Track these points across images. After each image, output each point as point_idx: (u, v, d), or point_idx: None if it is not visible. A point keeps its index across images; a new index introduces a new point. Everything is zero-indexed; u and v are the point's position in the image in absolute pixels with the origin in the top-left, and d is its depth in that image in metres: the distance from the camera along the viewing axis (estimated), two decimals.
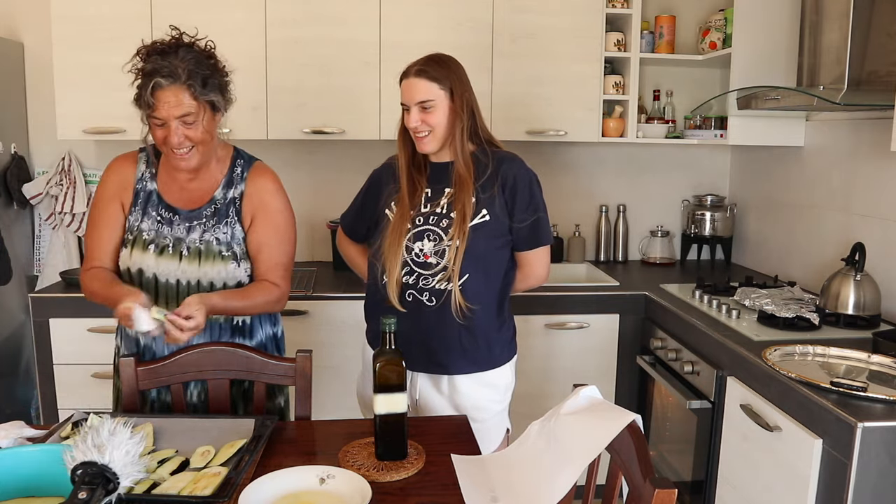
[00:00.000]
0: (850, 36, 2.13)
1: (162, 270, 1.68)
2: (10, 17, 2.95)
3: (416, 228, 1.76)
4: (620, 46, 2.93)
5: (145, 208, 1.71)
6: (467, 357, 1.78)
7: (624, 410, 1.23)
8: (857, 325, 2.18)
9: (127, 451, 1.18)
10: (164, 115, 1.57)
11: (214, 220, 1.71)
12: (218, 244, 1.69)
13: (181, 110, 1.57)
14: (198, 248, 1.69)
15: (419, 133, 1.74)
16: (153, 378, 1.67)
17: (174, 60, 1.57)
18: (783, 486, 1.77)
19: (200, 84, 1.59)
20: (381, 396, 1.37)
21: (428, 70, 1.72)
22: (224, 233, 1.70)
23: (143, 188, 1.73)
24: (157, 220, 1.71)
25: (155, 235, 1.69)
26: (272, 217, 1.74)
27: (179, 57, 1.58)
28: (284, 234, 1.76)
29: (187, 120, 1.59)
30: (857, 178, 2.46)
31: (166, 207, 1.71)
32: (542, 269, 1.86)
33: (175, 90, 1.56)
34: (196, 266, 1.68)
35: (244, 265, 1.72)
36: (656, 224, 3.34)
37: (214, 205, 1.72)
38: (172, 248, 1.68)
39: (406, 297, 1.75)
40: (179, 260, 1.68)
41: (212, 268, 1.68)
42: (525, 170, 1.79)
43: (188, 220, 1.70)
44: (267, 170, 1.80)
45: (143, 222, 1.70)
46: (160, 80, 1.55)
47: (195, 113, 1.59)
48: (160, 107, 1.57)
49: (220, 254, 1.69)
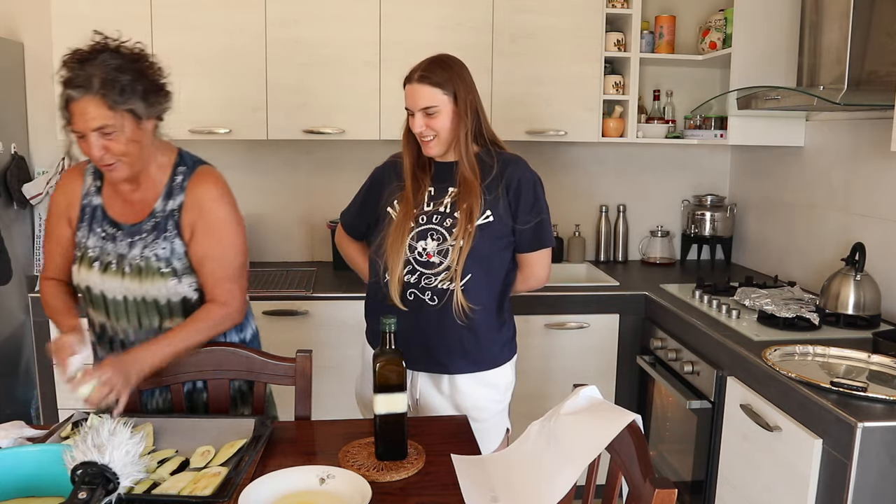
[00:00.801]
0: (850, 36, 2.13)
1: (108, 288, 1.63)
2: (10, 17, 2.95)
3: (419, 227, 1.76)
4: (620, 46, 2.93)
5: (91, 224, 1.66)
6: (468, 357, 1.78)
7: (624, 410, 1.23)
8: (857, 325, 2.18)
9: (127, 451, 1.18)
10: (80, 128, 1.48)
11: (154, 235, 1.62)
12: (157, 260, 1.61)
13: (97, 122, 1.47)
14: (138, 266, 1.61)
15: (424, 137, 1.74)
16: (153, 378, 1.67)
17: (90, 68, 1.47)
18: (783, 486, 1.77)
19: (117, 93, 1.47)
20: (381, 396, 1.37)
21: (430, 76, 1.71)
22: (163, 248, 1.62)
23: (89, 203, 1.67)
24: (101, 236, 1.65)
25: (100, 252, 1.64)
26: (213, 228, 1.63)
27: (97, 63, 1.47)
28: (229, 245, 1.65)
29: (105, 131, 1.48)
30: (857, 178, 2.46)
31: (110, 223, 1.65)
32: (544, 270, 1.86)
33: (88, 101, 1.46)
34: (138, 283, 1.62)
35: (187, 280, 1.64)
36: (656, 224, 3.34)
37: (154, 218, 1.63)
38: (116, 265, 1.62)
39: (407, 296, 1.76)
40: (122, 277, 1.62)
41: (152, 285, 1.62)
42: (529, 172, 1.79)
43: (130, 235, 1.63)
44: (209, 175, 1.67)
45: (89, 239, 1.65)
46: (72, 92, 1.46)
47: (112, 124, 1.48)
48: (75, 119, 1.48)
49: (160, 271, 1.61)
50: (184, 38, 2.69)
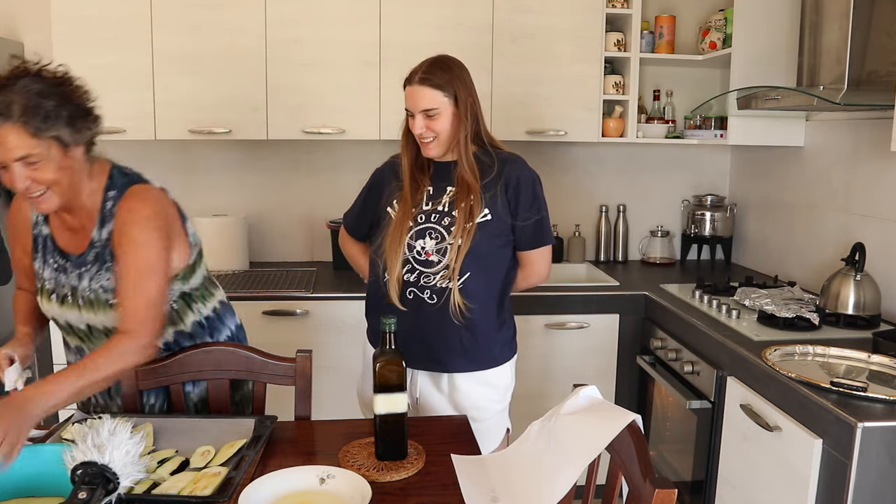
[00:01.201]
0: (850, 36, 2.13)
1: (70, 319, 1.60)
2: (10, 17, 2.95)
3: (417, 226, 1.76)
4: (620, 46, 2.93)
5: (44, 255, 1.60)
6: (467, 356, 1.78)
7: (624, 410, 1.23)
8: (857, 325, 2.18)
9: (127, 451, 1.18)
10: (1, 158, 1.37)
11: (97, 266, 1.55)
12: (104, 292, 1.55)
13: (19, 151, 1.36)
14: (89, 298, 1.56)
15: (424, 139, 1.75)
16: (153, 378, 1.67)
17: (9, 94, 1.36)
18: (783, 486, 1.77)
19: (40, 119, 1.37)
20: (381, 396, 1.37)
21: (431, 77, 1.71)
22: (107, 279, 1.54)
23: (40, 233, 1.61)
24: (54, 268, 1.59)
25: (55, 285, 1.59)
26: (128, 249, 1.50)
27: (18, 90, 1.37)
28: (141, 269, 1.49)
29: (29, 160, 1.38)
30: (857, 178, 2.46)
31: (60, 254, 1.58)
32: (544, 267, 1.87)
33: (8, 129, 1.35)
34: (93, 314, 1.57)
35: None
36: (656, 224, 3.34)
37: (94, 248, 1.55)
38: (71, 297, 1.57)
39: (407, 295, 1.76)
40: (79, 310, 1.57)
41: (105, 316, 1.56)
42: (528, 170, 1.80)
43: (78, 266, 1.57)
44: (136, 196, 1.54)
45: (44, 270, 1.60)
46: None
47: (37, 153, 1.38)
48: None
49: (108, 302, 1.55)
50: (184, 38, 2.69)
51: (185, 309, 1.69)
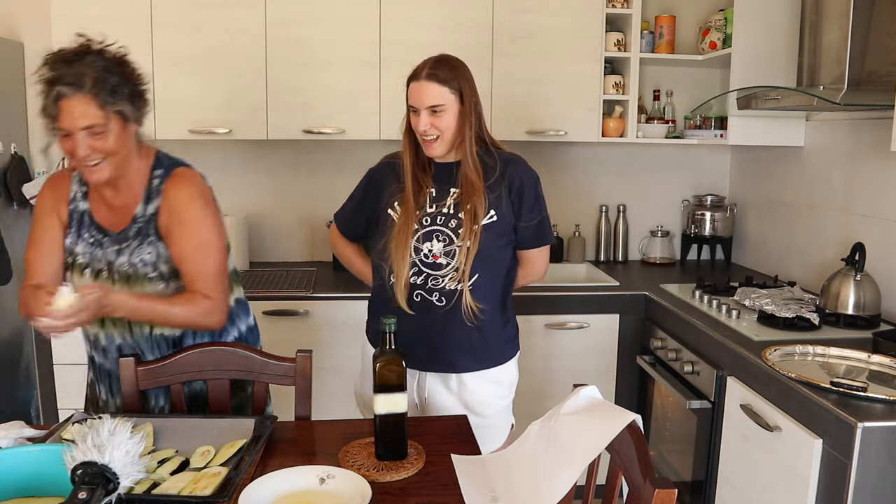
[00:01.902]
0: (850, 36, 2.13)
1: None
2: (10, 17, 2.95)
3: (423, 229, 1.75)
4: (620, 46, 2.93)
5: (79, 230, 1.65)
6: (474, 355, 1.78)
7: (624, 410, 1.23)
8: (857, 325, 2.18)
9: (127, 451, 1.18)
10: (68, 125, 1.48)
11: (139, 241, 1.62)
12: (144, 266, 1.61)
13: (87, 121, 1.48)
14: (126, 273, 1.61)
15: (427, 137, 1.73)
16: (153, 378, 1.67)
17: (80, 67, 1.47)
18: (783, 486, 1.77)
19: (108, 93, 1.49)
20: (381, 396, 1.37)
21: (438, 73, 1.70)
22: (149, 253, 1.62)
23: (76, 208, 1.67)
24: (90, 242, 1.64)
25: (89, 259, 1.63)
26: (188, 229, 1.61)
27: (86, 64, 1.48)
28: (206, 245, 1.63)
29: (94, 130, 1.49)
30: (857, 178, 2.46)
31: (97, 229, 1.64)
32: (543, 265, 1.90)
33: (80, 99, 1.46)
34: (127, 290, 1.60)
35: (173, 285, 1.64)
36: (656, 224, 3.34)
37: (137, 223, 1.63)
38: (107, 272, 1.62)
39: (414, 298, 1.76)
40: (113, 284, 1.61)
41: (141, 290, 1.61)
42: (530, 171, 1.80)
43: (117, 242, 1.63)
44: (184, 176, 1.66)
45: (78, 245, 1.65)
46: (63, 89, 1.46)
47: (102, 124, 1.49)
48: (64, 117, 1.47)
49: (147, 276, 1.61)
50: (184, 38, 2.69)
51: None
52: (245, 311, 1.86)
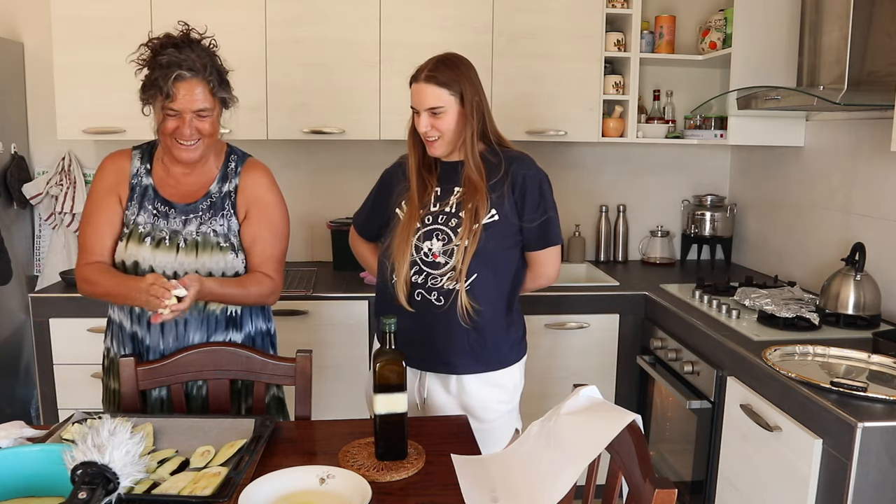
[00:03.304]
0: (850, 36, 2.13)
1: (158, 263, 1.68)
2: (10, 17, 2.95)
3: (425, 228, 1.75)
4: (620, 46, 2.93)
5: (142, 202, 1.72)
6: (475, 357, 1.77)
7: (624, 410, 1.23)
8: (857, 325, 2.18)
9: (127, 451, 1.18)
10: (181, 106, 1.60)
11: (211, 213, 1.72)
12: (215, 235, 1.71)
13: (199, 104, 1.61)
14: (195, 240, 1.70)
15: (429, 137, 1.74)
16: (153, 378, 1.67)
17: (191, 55, 1.60)
18: (783, 486, 1.77)
19: (217, 81, 1.64)
20: (381, 396, 1.37)
21: (437, 75, 1.70)
22: (221, 225, 1.72)
23: (139, 183, 1.74)
24: (153, 213, 1.71)
25: (151, 228, 1.70)
26: (266, 211, 1.77)
27: (196, 51, 1.62)
28: (278, 229, 1.78)
29: (202, 114, 1.62)
30: (857, 178, 2.46)
31: (162, 201, 1.72)
32: (553, 268, 1.86)
33: (196, 83, 1.60)
34: (193, 257, 1.69)
35: (241, 256, 1.74)
36: (656, 224, 3.34)
37: (210, 198, 1.74)
38: (169, 240, 1.69)
39: (415, 297, 1.75)
40: (176, 252, 1.69)
41: (209, 258, 1.70)
42: (535, 170, 1.79)
43: (184, 213, 1.72)
44: (260, 165, 1.83)
45: (139, 216, 1.71)
46: (183, 73, 1.58)
47: (210, 108, 1.63)
48: (179, 98, 1.59)
49: (218, 244, 1.71)
50: None
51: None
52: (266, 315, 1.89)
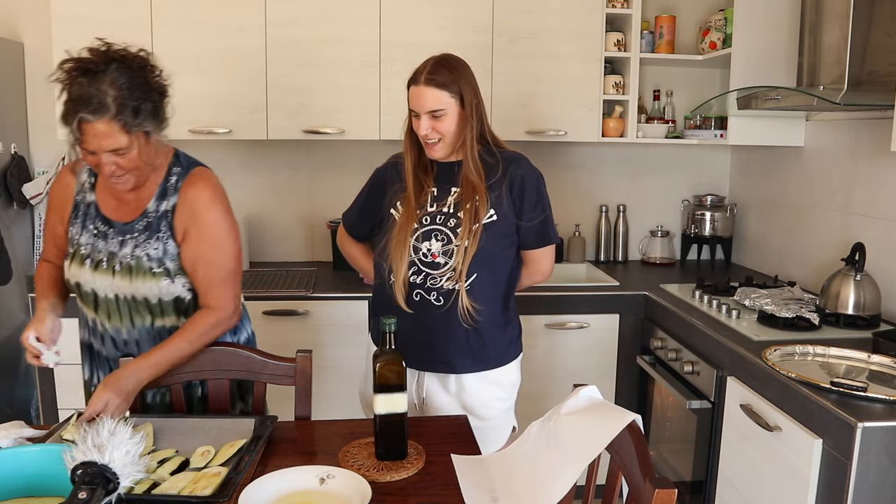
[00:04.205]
0: (850, 36, 2.13)
1: (98, 285, 1.63)
2: (10, 16, 2.95)
3: (423, 228, 1.75)
4: (620, 46, 2.93)
5: (84, 221, 1.66)
6: (474, 356, 1.78)
7: (624, 410, 1.23)
8: (857, 325, 2.18)
9: (127, 451, 1.18)
10: (93, 148, 1.47)
11: (146, 235, 1.62)
12: (149, 260, 1.61)
13: (112, 144, 1.47)
14: (128, 264, 1.61)
15: (429, 140, 1.73)
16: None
17: (103, 86, 1.43)
18: (783, 486, 1.77)
19: (132, 115, 1.46)
20: (381, 396, 1.37)
21: (437, 77, 1.69)
22: (155, 248, 1.61)
23: (83, 200, 1.67)
24: (93, 233, 1.64)
25: (91, 250, 1.64)
26: (205, 231, 1.62)
27: (108, 81, 1.44)
28: (221, 249, 1.64)
29: (119, 152, 1.48)
30: (857, 178, 2.46)
31: (102, 220, 1.65)
32: (548, 265, 1.87)
33: (104, 124, 1.44)
34: (128, 282, 1.61)
35: (180, 280, 1.63)
36: (656, 224, 3.34)
37: (147, 218, 1.63)
38: (106, 262, 1.62)
39: (413, 297, 1.75)
40: (112, 275, 1.62)
41: (143, 284, 1.61)
42: (532, 170, 1.79)
43: (122, 233, 1.63)
44: (203, 178, 1.66)
45: (81, 236, 1.65)
46: (86, 116, 1.43)
47: (127, 146, 1.48)
48: (88, 140, 1.46)
49: (151, 270, 1.61)
50: (184, 38, 2.69)
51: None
52: (247, 317, 1.88)
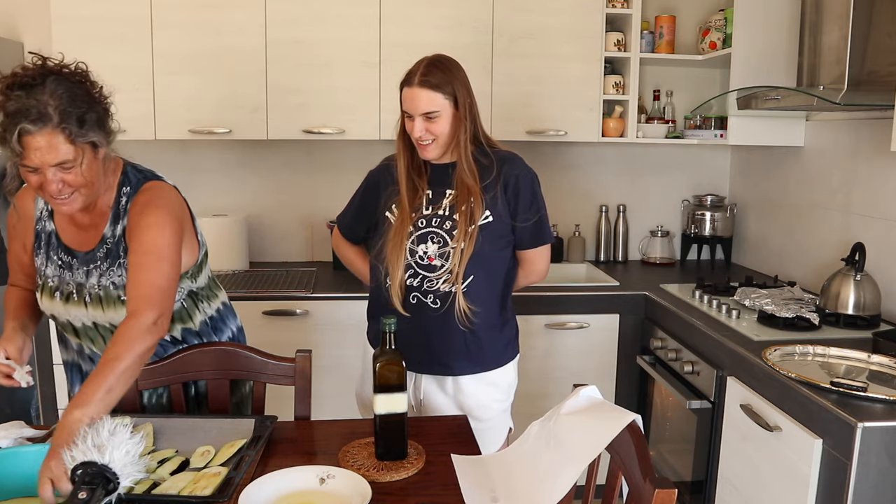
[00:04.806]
0: (850, 36, 2.13)
1: (73, 316, 1.58)
2: (10, 17, 2.95)
3: (419, 231, 1.75)
4: (620, 46, 2.93)
5: (48, 252, 1.58)
6: (471, 358, 1.78)
7: (624, 410, 1.23)
8: (857, 325, 2.18)
9: (127, 451, 1.18)
10: (36, 163, 1.35)
11: (108, 263, 1.54)
12: (115, 288, 1.53)
13: (56, 157, 1.35)
14: (98, 295, 1.55)
15: (422, 141, 1.73)
16: (152, 378, 1.67)
17: (42, 97, 1.32)
18: (783, 486, 1.77)
19: (76, 124, 1.35)
20: (381, 396, 1.37)
21: (431, 79, 1.68)
22: (119, 276, 1.53)
23: (43, 229, 1.59)
24: (58, 265, 1.57)
25: (59, 282, 1.57)
26: (140, 235, 1.48)
27: (48, 92, 1.33)
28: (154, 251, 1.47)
29: (65, 166, 1.37)
30: (857, 178, 2.46)
31: (65, 250, 1.57)
32: (544, 265, 1.87)
33: (47, 135, 1.32)
34: (101, 312, 1.55)
35: None
36: (656, 224, 3.34)
37: (105, 244, 1.54)
38: (76, 294, 1.56)
39: (410, 300, 1.75)
40: (85, 307, 1.56)
41: (116, 313, 1.54)
42: (526, 169, 1.79)
43: (85, 263, 1.55)
44: (148, 191, 1.54)
45: (47, 267, 1.58)
46: (27, 126, 1.31)
47: (73, 159, 1.37)
48: (31, 155, 1.33)
49: (120, 298, 1.53)
50: (184, 38, 2.69)
51: (192, 307, 1.70)
52: (233, 314, 1.86)
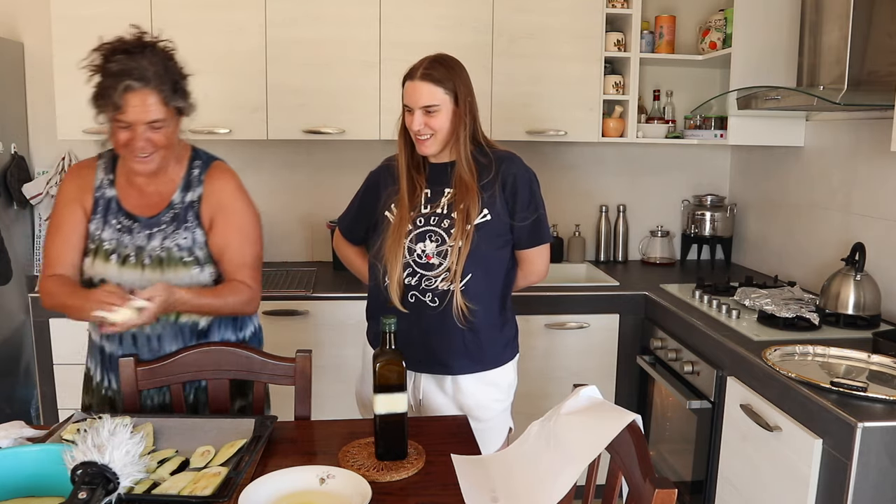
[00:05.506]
0: (850, 36, 2.13)
1: (126, 280, 1.63)
2: (10, 17, 2.95)
3: (417, 230, 1.75)
4: (620, 46, 2.93)
5: (105, 216, 1.67)
6: (470, 357, 1.78)
7: (624, 410, 1.23)
8: (857, 325, 2.18)
9: (127, 451, 1.18)
10: (132, 118, 1.52)
11: (174, 226, 1.66)
12: (179, 250, 1.65)
13: (151, 115, 1.53)
14: (159, 256, 1.64)
15: (421, 136, 1.74)
16: (153, 378, 1.67)
17: (143, 62, 1.52)
18: (783, 486, 1.77)
19: (170, 89, 1.56)
20: (381, 396, 1.37)
21: (433, 73, 1.70)
22: (185, 238, 1.66)
23: (103, 196, 1.68)
24: (117, 228, 1.66)
25: (116, 245, 1.65)
26: (233, 218, 1.70)
27: (147, 59, 1.53)
28: (248, 235, 1.72)
29: (155, 125, 1.55)
30: (857, 178, 2.46)
31: (126, 215, 1.67)
32: (543, 265, 1.87)
33: (146, 94, 1.52)
34: (159, 274, 1.64)
35: (208, 269, 1.68)
36: (656, 224, 3.34)
37: (173, 209, 1.68)
38: (135, 257, 1.64)
39: (408, 299, 1.75)
40: (142, 269, 1.64)
41: (174, 274, 1.64)
42: (524, 169, 1.79)
43: (148, 227, 1.66)
44: (225, 170, 1.75)
45: (104, 231, 1.66)
46: (132, 83, 1.50)
47: (164, 119, 1.56)
48: (129, 110, 1.51)
49: (182, 260, 1.65)
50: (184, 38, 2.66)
51: None
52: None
